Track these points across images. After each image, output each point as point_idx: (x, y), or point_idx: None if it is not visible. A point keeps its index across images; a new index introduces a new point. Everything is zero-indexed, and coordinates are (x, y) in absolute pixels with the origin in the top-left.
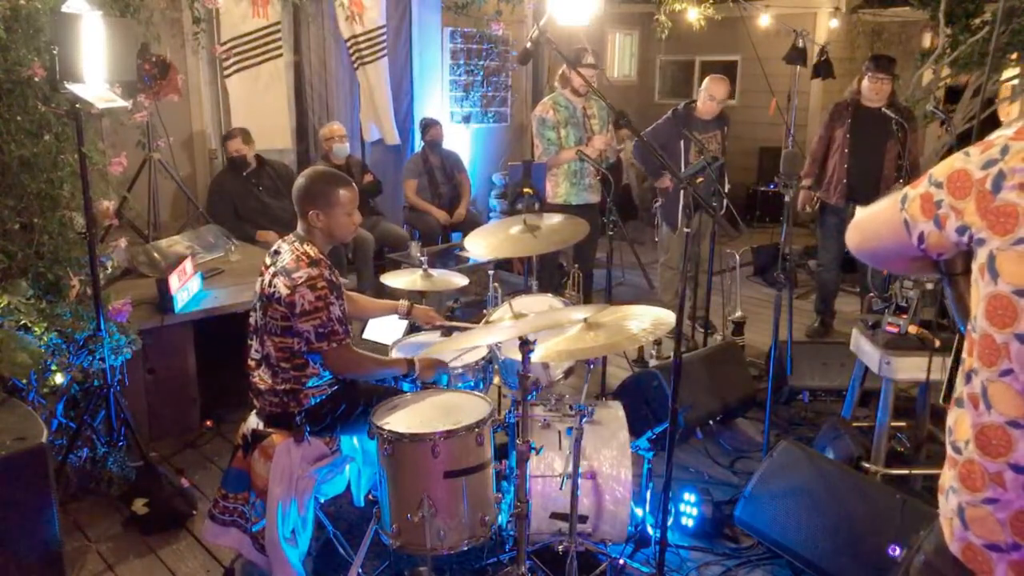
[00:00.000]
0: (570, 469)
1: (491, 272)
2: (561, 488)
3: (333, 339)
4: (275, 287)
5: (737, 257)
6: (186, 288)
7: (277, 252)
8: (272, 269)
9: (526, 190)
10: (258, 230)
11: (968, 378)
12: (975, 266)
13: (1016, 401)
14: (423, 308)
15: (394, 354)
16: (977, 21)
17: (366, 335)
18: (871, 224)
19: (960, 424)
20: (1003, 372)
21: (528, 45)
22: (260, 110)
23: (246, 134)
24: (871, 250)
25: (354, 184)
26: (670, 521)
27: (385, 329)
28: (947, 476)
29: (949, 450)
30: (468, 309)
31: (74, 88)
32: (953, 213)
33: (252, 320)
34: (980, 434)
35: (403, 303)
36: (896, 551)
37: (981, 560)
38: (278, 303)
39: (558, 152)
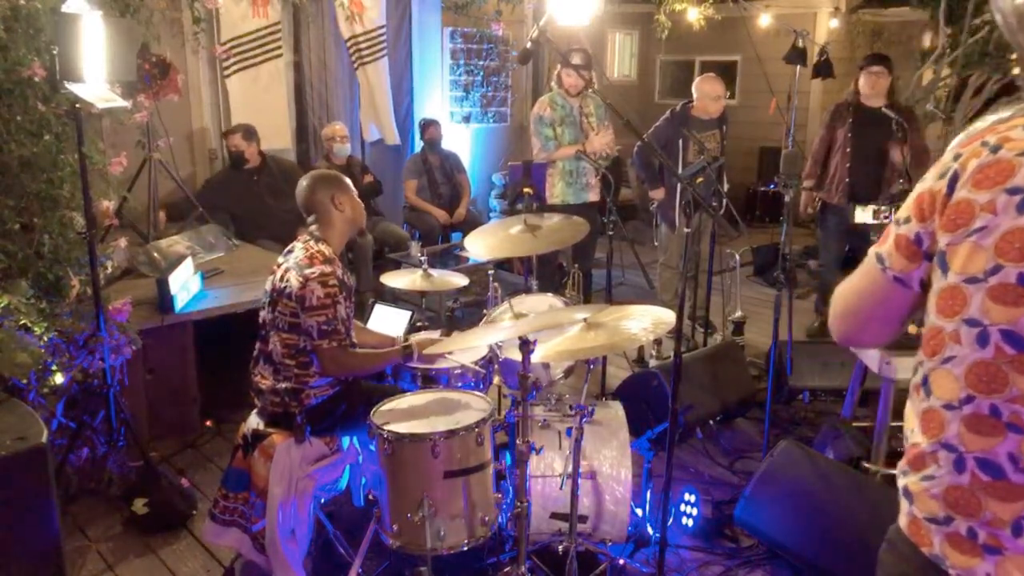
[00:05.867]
0: (570, 469)
1: (491, 272)
2: (561, 488)
3: (333, 338)
4: (287, 281)
5: (737, 257)
6: (186, 288)
7: (290, 251)
8: (284, 265)
9: (526, 190)
10: (255, 232)
11: (915, 370)
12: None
13: (953, 385)
14: (423, 339)
15: None
16: (977, 21)
17: (370, 327)
18: (857, 303)
19: (909, 413)
20: (945, 359)
21: (528, 45)
22: (260, 110)
23: (248, 131)
24: (864, 331)
25: None
26: (670, 521)
27: (388, 324)
28: (901, 461)
29: (904, 439)
30: (468, 309)
31: (74, 88)
32: (930, 234)
33: (261, 317)
34: (921, 418)
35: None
36: None
37: (923, 533)
38: (288, 298)
39: (556, 148)
